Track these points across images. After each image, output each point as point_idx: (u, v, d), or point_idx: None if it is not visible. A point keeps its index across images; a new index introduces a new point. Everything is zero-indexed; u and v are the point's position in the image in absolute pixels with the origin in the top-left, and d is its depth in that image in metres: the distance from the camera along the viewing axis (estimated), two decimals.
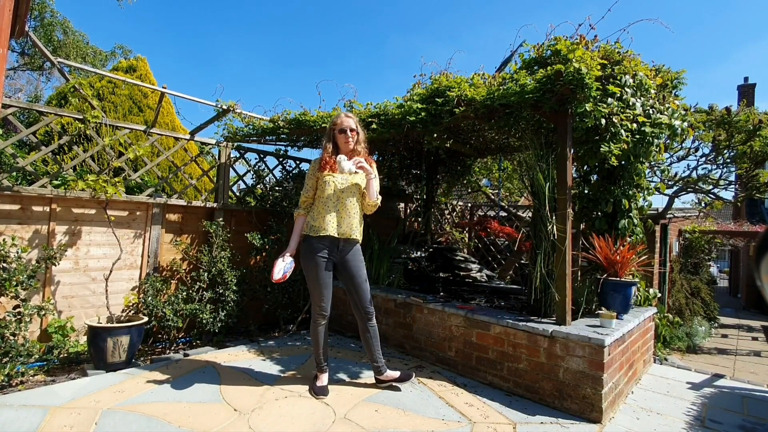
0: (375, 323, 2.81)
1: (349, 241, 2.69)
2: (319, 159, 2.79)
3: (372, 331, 2.78)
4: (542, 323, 2.79)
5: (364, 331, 2.79)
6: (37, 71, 13.29)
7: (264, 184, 4.83)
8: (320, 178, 2.71)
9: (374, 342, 2.78)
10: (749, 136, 4.79)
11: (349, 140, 2.73)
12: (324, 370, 2.81)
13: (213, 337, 3.92)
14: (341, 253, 2.68)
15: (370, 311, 2.78)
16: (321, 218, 2.63)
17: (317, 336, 2.76)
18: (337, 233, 2.62)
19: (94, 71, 4.15)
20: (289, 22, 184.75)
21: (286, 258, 2.68)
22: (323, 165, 2.73)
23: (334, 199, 2.65)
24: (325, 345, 2.79)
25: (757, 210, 13.12)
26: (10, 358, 2.76)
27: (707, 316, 7.08)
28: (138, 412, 2.32)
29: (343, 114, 2.79)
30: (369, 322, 2.78)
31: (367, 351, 2.82)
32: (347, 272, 2.71)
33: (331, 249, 2.66)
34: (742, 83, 15.53)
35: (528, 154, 3.64)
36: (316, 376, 2.82)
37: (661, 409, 2.76)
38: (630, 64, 2.95)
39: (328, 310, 2.72)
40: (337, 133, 2.75)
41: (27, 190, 3.14)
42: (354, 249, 2.73)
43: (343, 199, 2.66)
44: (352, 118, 2.78)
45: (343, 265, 2.70)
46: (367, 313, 2.76)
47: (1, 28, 1.47)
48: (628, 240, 3.22)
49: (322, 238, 2.63)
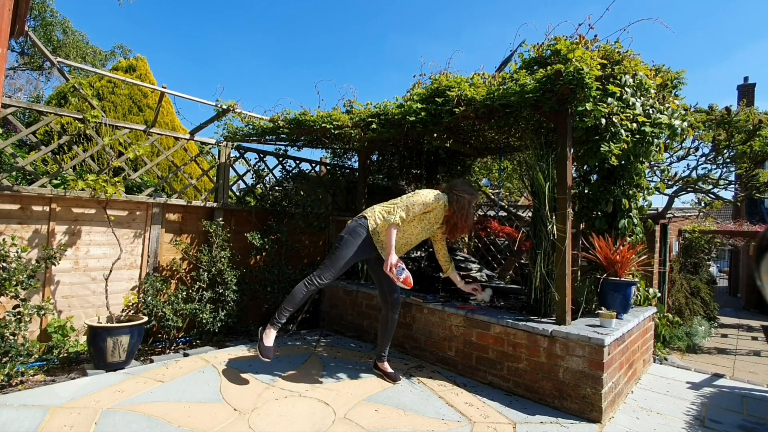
0: (398, 317, 3.04)
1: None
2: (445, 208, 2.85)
3: (392, 323, 2.99)
4: (542, 323, 2.79)
5: (386, 320, 2.99)
6: (37, 71, 13.27)
7: (264, 183, 4.82)
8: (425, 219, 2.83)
9: (389, 333, 3.01)
10: (749, 135, 4.79)
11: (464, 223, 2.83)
12: (276, 327, 2.75)
13: (213, 337, 3.92)
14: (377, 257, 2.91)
15: (398, 302, 2.99)
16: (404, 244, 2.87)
17: (299, 294, 2.74)
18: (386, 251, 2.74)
19: (93, 71, 4.16)
20: (289, 22, 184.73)
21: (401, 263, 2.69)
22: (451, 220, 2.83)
23: (415, 234, 2.85)
24: (298, 306, 2.78)
25: (757, 210, 13.13)
26: (9, 358, 2.75)
27: (707, 316, 7.08)
28: (138, 412, 2.32)
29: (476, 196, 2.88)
30: (394, 314, 2.98)
31: (380, 338, 3.05)
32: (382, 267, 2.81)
33: (373, 252, 2.87)
34: (742, 83, 15.54)
35: (528, 153, 3.64)
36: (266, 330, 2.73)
37: (660, 409, 2.76)
38: (630, 63, 2.95)
39: (325, 285, 2.81)
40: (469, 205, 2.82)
41: (27, 189, 3.14)
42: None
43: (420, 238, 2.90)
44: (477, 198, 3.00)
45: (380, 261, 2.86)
46: (396, 304, 2.97)
47: (1, 28, 1.46)
48: (627, 240, 3.22)
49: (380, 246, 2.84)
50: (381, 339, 3.03)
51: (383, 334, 3.01)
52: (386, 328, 3.00)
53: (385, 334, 3.00)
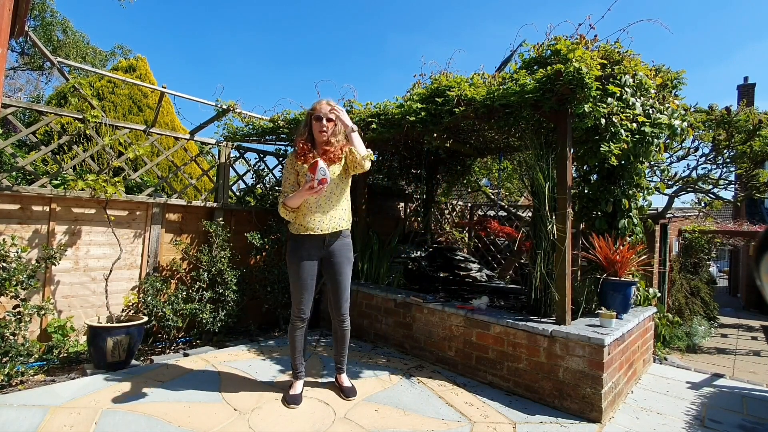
0: (348, 326, 2.67)
1: (335, 234, 2.51)
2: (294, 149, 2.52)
3: (341, 333, 2.67)
4: (542, 323, 2.79)
5: (335, 330, 2.69)
6: (37, 71, 13.27)
7: (264, 183, 4.82)
8: (300, 172, 2.45)
9: (340, 344, 2.70)
10: (749, 135, 4.79)
11: (323, 130, 2.42)
12: (299, 377, 2.66)
13: (213, 337, 3.92)
14: (327, 247, 2.52)
15: (344, 313, 2.62)
16: (303, 216, 2.44)
17: (294, 340, 2.60)
18: (322, 230, 2.44)
19: (93, 71, 4.16)
20: (289, 21, 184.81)
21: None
22: (298, 154, 2.45)
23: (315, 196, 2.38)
24: (302, 350, 2.65)
25: (757, 210, 13.12)
26: (10, 358, 2.76)
27: (707, 316, 7.08)
28: (138, 412, 2.32)
29: (324, 101, 2.48)
30: (342, 325, 2.65)
31: (334, 349, 2.75)
32: (332, 267, 2.55)
33: (317, 246, 2.50)
34: (742, 83, 15.52)
35: (528, 153, 3.64)
36: (291, 384, 2.66)
37: (660, 409, 2.76)
38: (630, 63, 2.95)
39: (308, 313, 2.57)
40: (312, 120, 2.45)
41: (27, 189, 3.14)
42: (342, 241, 2.55)
43: (326, 192, 2.43)
44: (332, 107, 2.45)
45: (329, 259, 2.53)
46: (341, 314, 2.62)
47: (1, 28, 1.46)
48: (627, 240, 3.22)
49: (307, 237, 2.46)
50: (335, 349, 2.75)
51: (336, 346, 2.73)
52: (335, 340, 2.72)
53: (336, 345, 2.72)
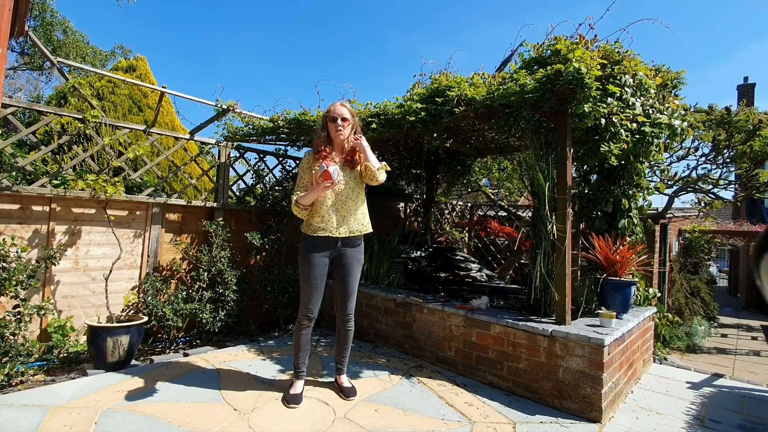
0: (352, 327, 2.73)
1: (350, 239, 2.56)
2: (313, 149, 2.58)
3: (344, 333, 2.71)
4: (542, 323, 2.79)
5: (338, 330, 2.75)
6: (37, 71, 13.27)
7: (264, 183, 4.82)
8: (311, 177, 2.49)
9: (343, 345, 2.74)
10: (749, 135, 4.79)
11: (339, 130, 2.51)
12: (300, 377, 2.66)
13: (213, 337, 3.92)
14: (339, 250, 2.55)
15: (349, 313, 2.69)
16: (319, 217, 2.48)
17: (299, 339, 2.61)
18: (337, 233, 2.49)
19: (93, 71, 4.15)
20: (288, 21, 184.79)
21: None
22: (318, 154, 2.51)
23: (332, 197, 2.49)
24: (306, 350, 2.65)
25: (757, 210, 13.13)
26: (9, 358, 2.76)
27: (707, 316, 7.08)
28: (138, 412, 2.32)
29: (339, 102, 2.60)
30: (346, 325, 2.70)
31: (336, 348, 2.79)
32: (342, 269, 2.59)
33: (330, 248, 2.53)
34: (742, 83, 15.53)
35: (528, 153, 3.64)
36: (292, 383, 2.67)
37: (660, 409, 2.76)
38: (630, 63, 2.95)
39: (316, 313, 2.59)
40: (328, 122, 2.55)
41: (27, 189, 3.14)
42: (355, 246, 2.60)
43: (343, 196, 2.51)
44: (346, 108, 2.56)
45: (340, 260, 2.58)
46: (347, 314, 2.68)
47: (1, 28, 1.46)
48: (627, 240, 3.22)
49: (320, 238, 2.50)
50: (336, 349, 2.79)
51: (338, 345, 2.76)
52: (338, 339, 2.75)
53: (340, 345, 2.74)
